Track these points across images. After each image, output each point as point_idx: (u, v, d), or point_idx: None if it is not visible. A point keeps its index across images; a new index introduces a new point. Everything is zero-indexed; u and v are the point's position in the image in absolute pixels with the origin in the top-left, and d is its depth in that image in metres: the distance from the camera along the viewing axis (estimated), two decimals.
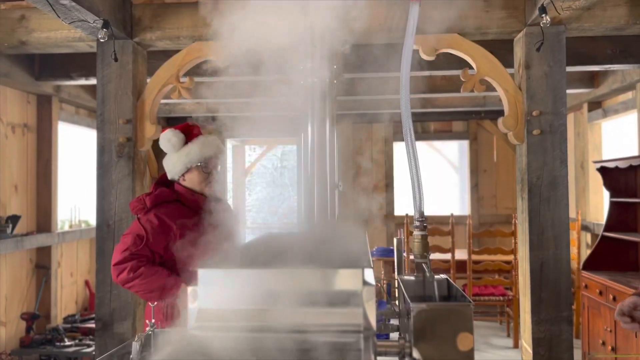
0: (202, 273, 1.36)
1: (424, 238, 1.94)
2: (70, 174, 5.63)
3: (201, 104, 6.16)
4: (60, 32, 3.23)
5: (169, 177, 2.48)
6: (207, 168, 2.46)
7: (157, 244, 2.32)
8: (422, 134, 7.51)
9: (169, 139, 2.44)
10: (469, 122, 7.37)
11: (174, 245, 2.32)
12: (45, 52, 3.60)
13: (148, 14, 3.27)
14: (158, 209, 2.37)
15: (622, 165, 4.39)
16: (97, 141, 3.22)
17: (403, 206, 7.44)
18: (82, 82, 4.40)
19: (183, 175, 2.46)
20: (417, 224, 2.00)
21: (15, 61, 4.27)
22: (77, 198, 5.82)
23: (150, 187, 2.45)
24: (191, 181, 2.45)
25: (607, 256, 4.63)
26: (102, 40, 2.93)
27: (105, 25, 2.86)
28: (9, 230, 4.50)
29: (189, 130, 2.51)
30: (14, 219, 4.59)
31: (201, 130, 2.64)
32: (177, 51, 3.31)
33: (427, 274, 1.76)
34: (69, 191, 5.64)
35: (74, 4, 2.60)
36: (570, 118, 6.13)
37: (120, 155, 3.17)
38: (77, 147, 5.80)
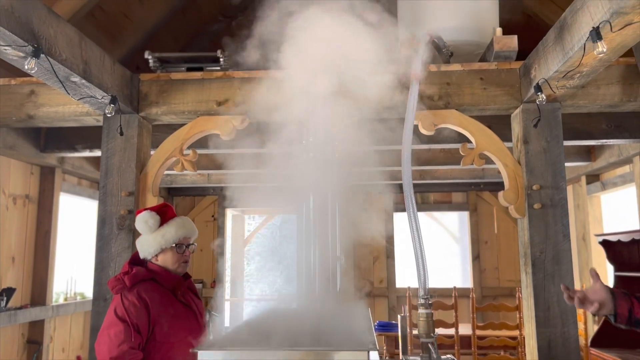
0: (202, 355, 1.31)
1: (429, 317, 1.89)
2: (68, 245, 5.58)
3: (203, 175, 6.21)
4: (68, 107, 3.30)
5: (142, 256, 2.48)
6: (181, 249, 2.47)
7: (142, 325, 2.28)
8: (422, 205, 7.52)
9: (145, 220, 2.46)
10: (469, 193, 7.41)
11: (155, 325, 2.29)
12: (51, 126, 3.67)
13: (155, 90, 3.36)
14: (138, 288, 2.36)
15: (625, 238, 4.37)
16: (98, 213, 3.22)
17: (404, 278, 7.33)
18: (87, 154, 4.46)
19: (157, 255, 2.46)
20: (422, 301, 1.97)
21: (21, 133, 4.34)
22: (74, 270, 5.74)
23: (124, 266, 2.43)
24: (164, 261, 2.46)
25: (615, 332, 4.51)
26: (109, 115, 2.99)
27: (113, 101, 2.93)
28: (3, 304, 4.40)
29: (164, 211, 2.53)
30: (9, 292, 4.50)
31: (175, 212, 2.67)
32: (181, 125, 3.38)
33: (434, 355, 1.71)
34: (66, 263, 5.57)
35: (84, 81, 2.68)
36: (569, 190, 6.16)
37: (121, 227, 3.15)
38: (77, 218, 5.79)
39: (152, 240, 2.45)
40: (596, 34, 2.16)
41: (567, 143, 3.87)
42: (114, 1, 4.77)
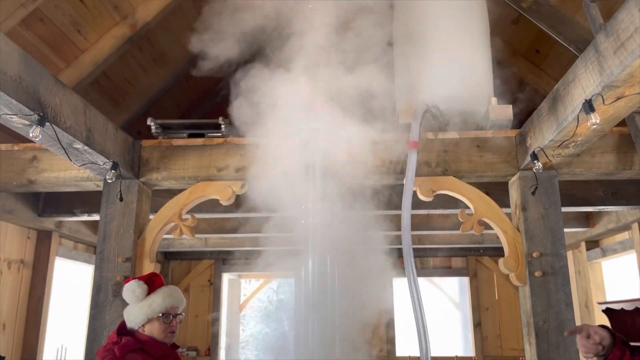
0: None
1: None
2: (61, 312, 5.46)
3: (200, 239, 6.17)
4: (69, 172, 3.33)
5: (129, 326, 2.43)
6: (168, 319, 2.43)
7: None
8: (421, 270, 7.43)
9: (133, 290, 2.43)
10: (468, 258, 7.34)
11: None
12: (51, 191, 3.69)
13: (156, 156, 3.40)
14: (127, 358, 2.30)
15: (628, 307, 4.30)
16: (94, 279, 3.17)
17: (405, 346, 7.13)
18: (85, 218, 4.45)
19: (143, 325, 2.41)
20: None
21: (20, 198, 4.35)
22: (65, 338, 5.58)
23: (111, 336, 2.38)
24: (151, 331, 2.41)
25: None
26: (109, 181, 3.01)
27: (114, 167, 2.96)
28: None
29: (152, 280, 2.51)
30: None
31: (163, 280, 2.64)
32: (181, 190, 3.40)
33: None
34: (58, 330, 5.42)
35: (87, 148, 2.72)
36: (569, 256, 6.12)
37: (117, 294, 3.10)
38: (71, 284, 5.69)
39: (138, 310, 2.41)
40: (589, 106, 2.22)
41: (565, 209, 3.88)
42: (119, 69, 4.91)
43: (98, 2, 4.16)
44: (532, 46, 5.10)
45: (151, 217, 3.49)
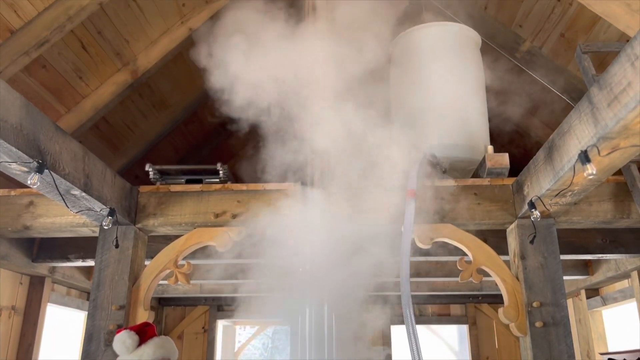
0: None
1: None
2: (50, 358, 5.31)
3: (195, 285, 6.08)
4: (65, 218, 3.31)
5: None
6: None
7: None
8: (420, 317, 7.30)
9: (123, 341, 2.39)
10: (467, 305, 7.23)
11: None
12: (46, 236, 3.65)
13: (153, 202, 3.39)
14: None
15: (630, 358, 4.21)
16: (86, 328, 3.11)
17: None
18: (79, 263, 4.39)
19: None
20: None
21: (14, 243, 4.30)
22: None
23: None
24: None
25: None
26: (106, 228, 2.99)
27: (111, 213, 2.94)
28: None
29: (144, 330, 2.46)
30: None
31: (156, 330, 2.60)
32: (177, 236, 3.38)
33: None
34: None
35: (84, 194, 2.71)
36: (570, 304, 6.04)
37: (109, 343, 3.02)
38: (63, 331, 5.56)
39: None
40: (585, 157, 2.24)
41: (563, 257, 3.86)
42: (119, 114, 4.96)
43: (100, 49, 4.24)
44: (527, 94, 5.18)
45: (147, 263, 3.46)
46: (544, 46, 4.45)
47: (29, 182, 2.33)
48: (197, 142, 6.33)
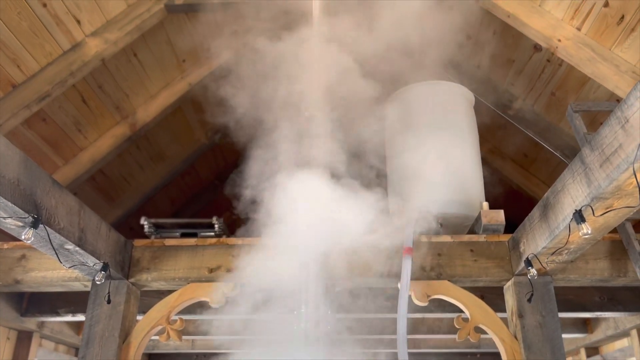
0: None
1: None
2: None
3: (187, 340, 5.94)
4: (57, 272, 3.27)
5: None
6: None
7: None
8: None
9: None
10: None
11: None
12: (37, 291, 3.60)
13: (147, 256, 3.36)
14: None
15: None
16: None
17: None
18: (69, 318, 4.30)
19: None
20: None
21: (4, 297, 4.21)
22: None
23: None
24: None
25: None
26: (98, 283, 2.95)
27: (104, 268, 2.91)
28: None
29: None
30: None
31: None
32: (171, 291, 3.33)
33: None
34: None
35: (78, 249, 2.69)
36: None
37: None
38: None
39: None
40: (579, 217, 2.25)
41: (561, 315, 3.81)
42: (116, 166, 4.98)
43: (100, 103, 4.31)
44: (520, 150, 5.26)
45: (139, 317, 3.39)
46: (536, 104, 4.55)
47: (23, 237, 2.31)
48: (194, 194, 6.34)
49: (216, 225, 3.67)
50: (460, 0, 3.99)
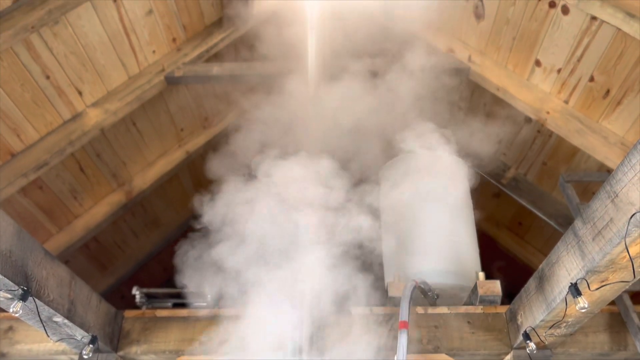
0: None
1: None
2: None
3: None
4: (44, 345, 3.18)
5: None
6: None
7: None
8: None
9: None
10: None
11: None
12: None
13: (137, 328, 3.29)
14: None
15: None
16: None
17: None
18: None
19: None
20: None
21: None
22: None
23: None
24: None
25: None
26: (85, 357, 2.86)
27: (93, 341, 2.84)
28: None
29: None
30: None
31: None
32: None
33: None
34: None
35: (66, 321, 2.63)
36: None
37: None
38: None
39: None
40: (575, 290, 2.24)
41: None
42: (110, 234, 4.96)
43: (98, 171, 4.35)
44: (515, 219, 5.28)
45: None
46: (529, 173, 4.62)
47: (11, 310, 2.27)
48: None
49: (209, 296, 3.60)
50: (452, 73, 4.13)
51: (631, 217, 1.82)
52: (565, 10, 3.34)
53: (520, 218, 5.21)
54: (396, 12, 3.96)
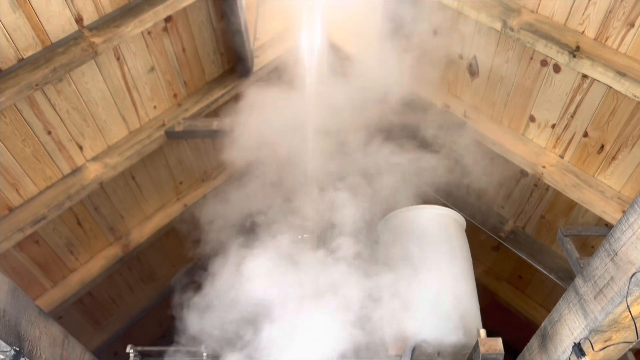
0: None
1: None
2: None
3: None
4: None
5: None
6: None
7: None
8: None
9: None
10: None
11: None
12: None
13: None
14: None
15: None
16: None
17: None
18: None
19: None
20: None
21: None
22: None
23: None
24: None
25: None
26: None
27: None
28: None
29: None
30: None
31: None
32: None
33: None
34: None
35: None
36: None
37: None
38: None
39: None
40: (579, 350, 2.19)
41: None
42: (105, 288, 4.88)
43: (95, 224, 4.33)
44: (515, 272, 5.23)
45: None
46: (527, 226, 4.61)
47: None
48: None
49: (204, 354, 3.52)
50: (449, 127, 4.20)
51: (632, 277, 1.81)
52: (556, 68, 3.43)
53: (520, 271, 5.16)
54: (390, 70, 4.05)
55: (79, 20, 3.27)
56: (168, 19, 3.73)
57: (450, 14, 3.73)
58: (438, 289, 3.27)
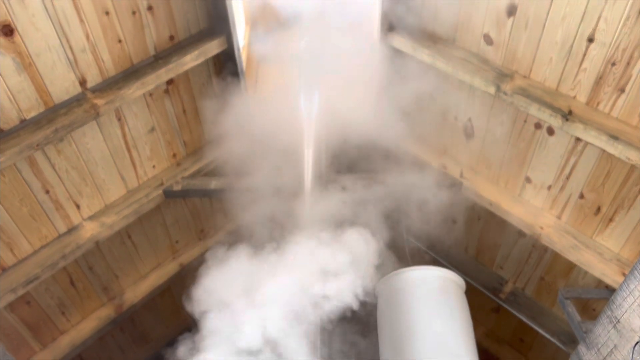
0: None
1: None
2: None
3: None
4: None
5: None
6: None
7: None
8: None
9: None
10: None
11: None
12: None
13: None
14: None
15: None
16: None
17: None
18: None
19: None
20: None
21: None
22: None
23: None
24: None
25: None
26: None
27: None
28: None
29: None
30: None
31: None
32: None
33: None
34: None
35: None
36: None
37: None
38: None
39: None
40: None
41: None
42: (96, 350, 4.76)
43: (89, 284, 4.26)
44: (516, 335, 5.13)
45: None
46: (527, 288, 4.56)
47: None
48: None
49: None
50: (446, 187, 4.22)
51: (635, 345, 1.77)
52: (550, 131, 3.49)
53: (521, 334, 5.06)
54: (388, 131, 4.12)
55: (82, 82, 3.34)
56: (170, 82, 3.82)
57: (445, 77, 3.82)
58: (438, 350, 3.20)
